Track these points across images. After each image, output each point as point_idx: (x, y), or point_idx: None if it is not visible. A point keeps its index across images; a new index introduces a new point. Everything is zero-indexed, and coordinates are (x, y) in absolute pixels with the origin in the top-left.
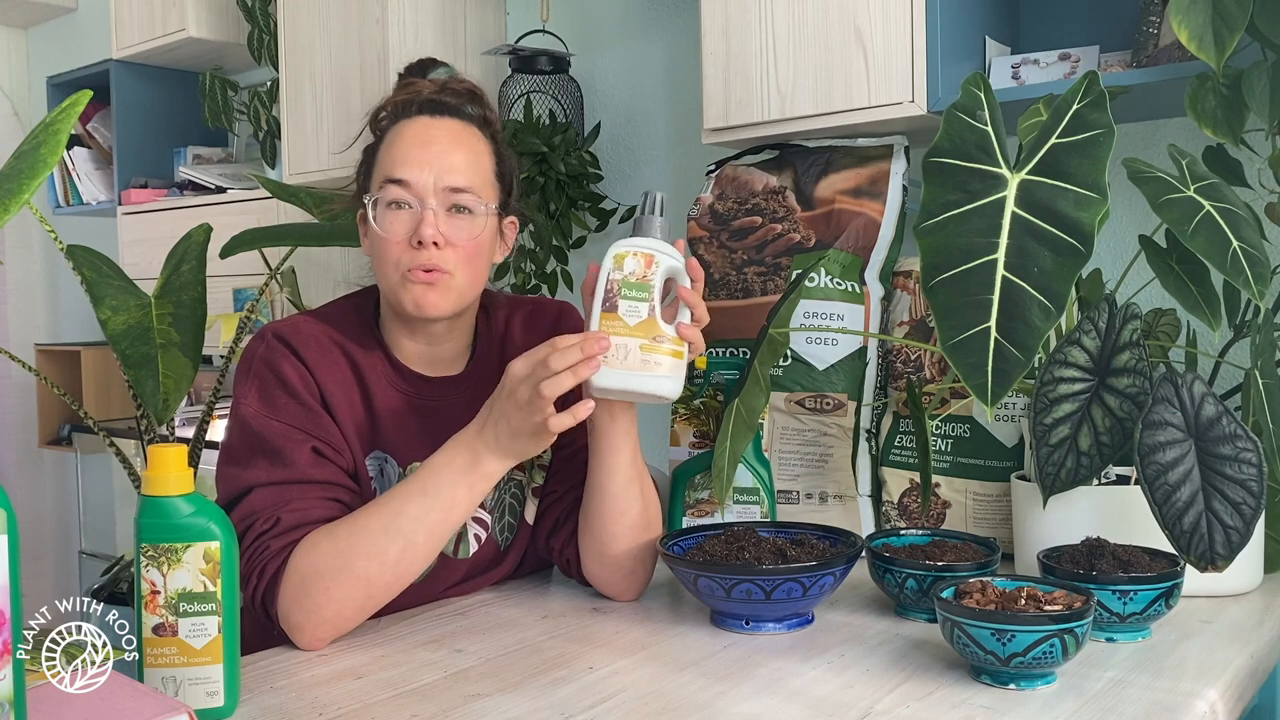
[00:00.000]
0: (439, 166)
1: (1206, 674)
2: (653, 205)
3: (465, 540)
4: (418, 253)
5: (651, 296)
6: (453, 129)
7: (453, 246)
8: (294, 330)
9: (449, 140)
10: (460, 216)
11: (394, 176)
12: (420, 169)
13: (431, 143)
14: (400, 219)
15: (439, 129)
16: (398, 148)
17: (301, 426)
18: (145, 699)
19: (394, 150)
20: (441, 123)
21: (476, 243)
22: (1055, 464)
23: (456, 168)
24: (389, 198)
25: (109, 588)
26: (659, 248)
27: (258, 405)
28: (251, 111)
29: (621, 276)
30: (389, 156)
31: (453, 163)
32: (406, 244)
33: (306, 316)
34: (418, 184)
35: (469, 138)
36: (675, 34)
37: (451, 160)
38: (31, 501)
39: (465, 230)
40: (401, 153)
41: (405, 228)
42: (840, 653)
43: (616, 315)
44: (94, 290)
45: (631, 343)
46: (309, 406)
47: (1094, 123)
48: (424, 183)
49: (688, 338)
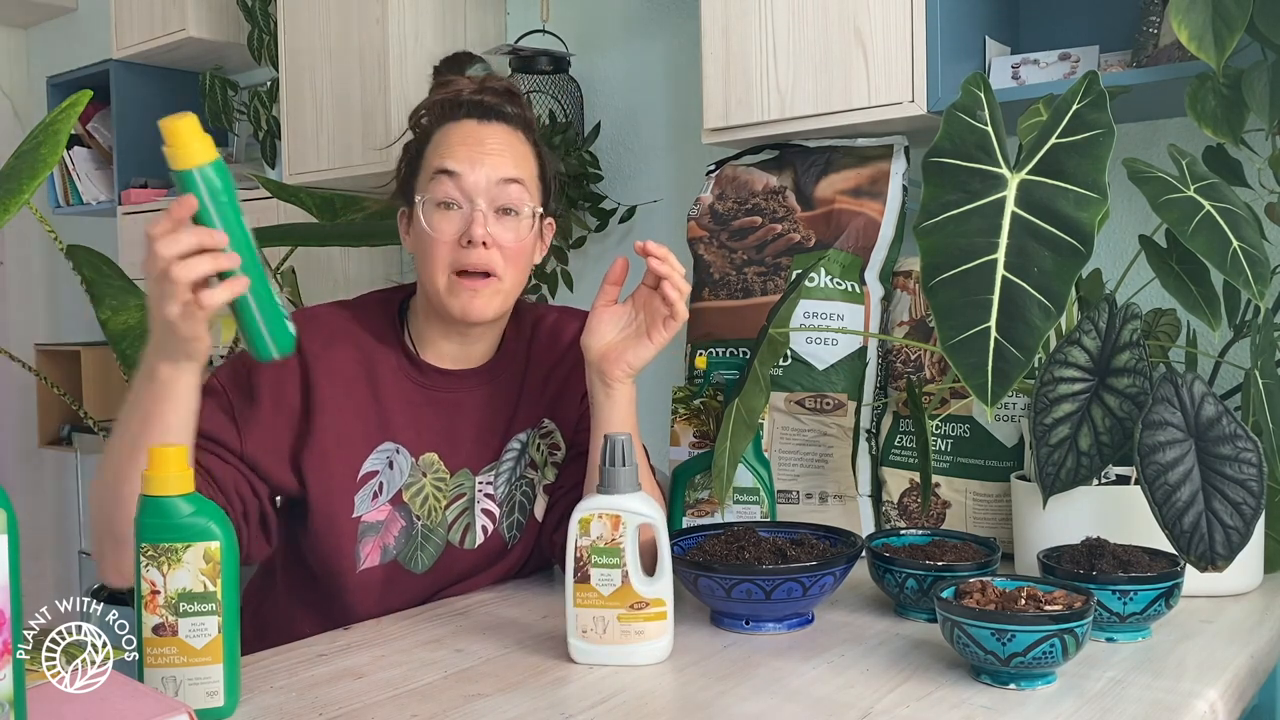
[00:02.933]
0: (490, 165)
1: (1206, 674)
2: (617, 455)
3: (473, 531)
4: (466, 252)
5: (623, 561)
6: (500, 134)
7: (500, 248)
8: (308, 320)
9: (498, 143)
10: (508, 218)
11: (446, 167)
12: (473, 165)
13: (483, 143)
14: (450, 219)
15: (489, 133)
16: (447, 145)
17: (223, 418)
18: (145, 699)
19: (444, 148)
20: (490, 128)
21: (522, 244)
22: (1055, 464)
23: (506, 170)
24: (440, 194)
25: (109, 588)
26: (625, 504)
27: (214, 377)
28: (251, 111)
29: (589, 543)
30: (438, 153)
31: (502, 164)
32: (455, 244)
33: (330, 305)
34: (469, 179)
35: (515, 141)
36: (675, 34)
37: (501, 162)
38: (31, 501)
39: (513, 231)
40: (452, 149)
41: (455, 227)
42: (840, 653)
43: (590, 586)
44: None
45: (608, 614)
46: (255, 403)
47: (1094, 123)
48: (475, 180)
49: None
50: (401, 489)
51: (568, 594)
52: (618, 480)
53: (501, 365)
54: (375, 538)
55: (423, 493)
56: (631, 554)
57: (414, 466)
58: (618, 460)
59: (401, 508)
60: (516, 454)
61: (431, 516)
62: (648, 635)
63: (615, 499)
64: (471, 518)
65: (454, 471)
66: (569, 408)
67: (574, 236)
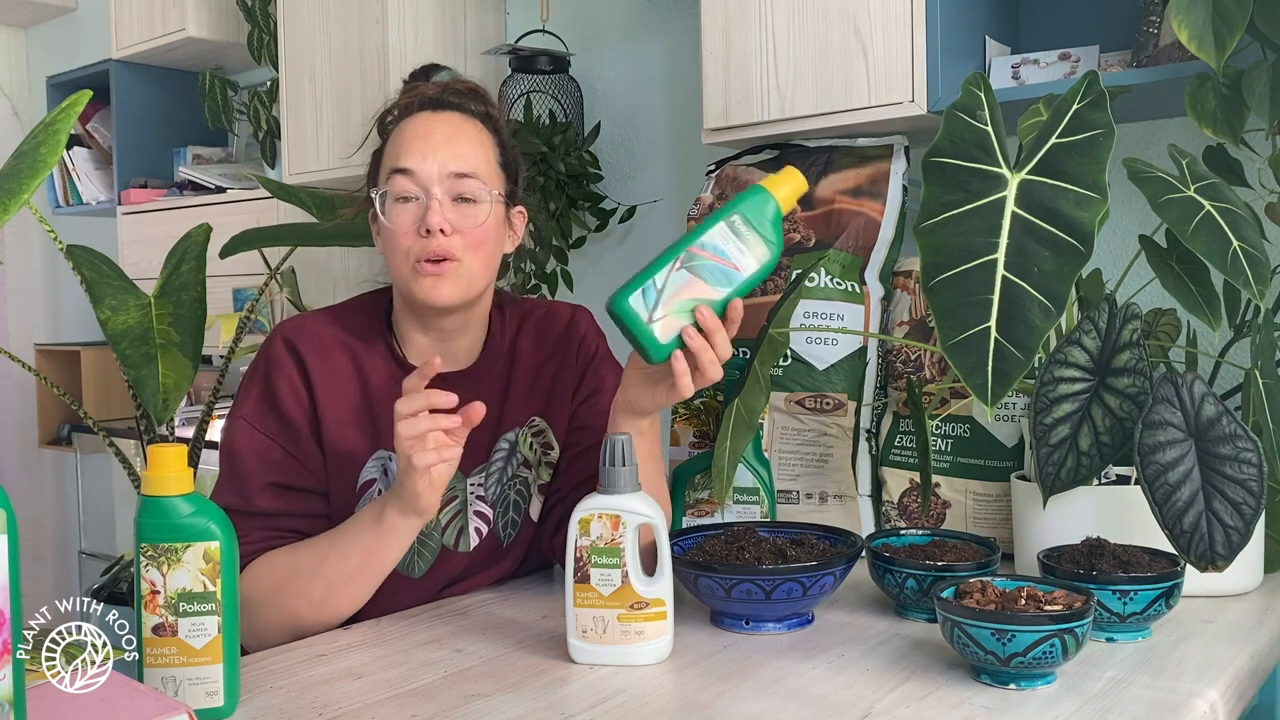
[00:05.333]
0: (441, 155)
1: (1206, 674)
2: (617, 455)
3: (466, 534)
4: (426, 241)
5: (623, 561)
6: (453, 121)
7: (460, 234)
8: (300, 332)
9: (450, 131)
10: (465, 205)
11: (398, 167)
12: (423, 158)
13: (433, 134)
14: (407, 210)
15: (440, 121)
16: (400, 142)
17: (280, 444)
18: (145, 699)
19: (397, 144)
20: (443, 116)
21: (483, 229)
22: (1055, 464)
23: (459, 156)
24: (396, 191)
25: (109, 588)
26: (625, 504)
27: (250, 414)
28: (251, 111)
29: (589, 543)
30: (393, 151)
31: (455, 151)
32: (415, 234)
33: (317, 315)
34: (421, 172)
35: (469, 129)
36: (675, 34)
37: (454, 150)
38: (31, 501)
39: (471, 218)
40: (404, 145)
41: (412, 218)
42: (840, 653)
43: (590, 586)
44: (94, 290)
45: (608, 614)
46: (292, 426)
47: (1094, 123)
48: (427, 171)
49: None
50: None
51: (568, 594)
52: (618, 480)
53: (486, 364)
54: None
55: None
56: (631, 554)
57: None
58: (618, 460)
59: None
60: (506, 453)
61: None
62: (648, 635)
63: (615, 499)
64: (465, 520)
65: None
66: (561, 405)
67: (574, 236)
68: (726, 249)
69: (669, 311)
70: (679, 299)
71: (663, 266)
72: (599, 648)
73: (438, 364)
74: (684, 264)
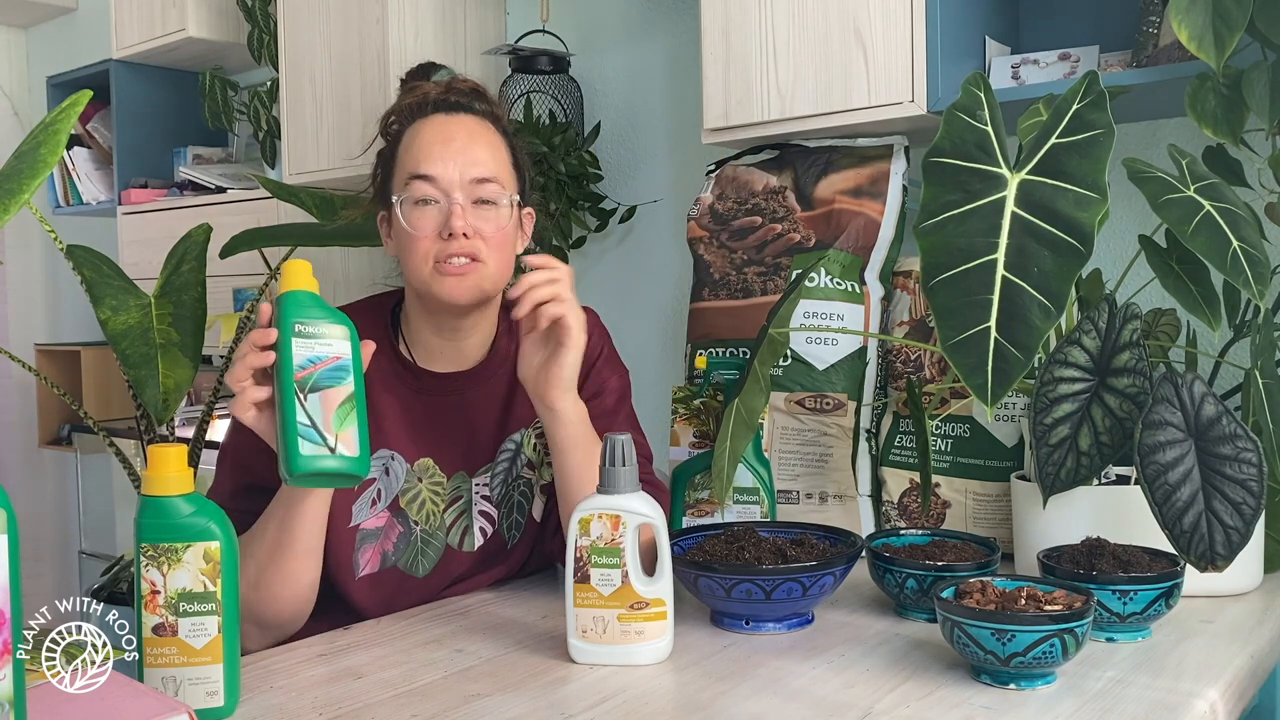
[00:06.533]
0: (462, 160)
1: (1206, 674)
2: (617, 455)
3: (471, 534)
4: (447, 243)
5: (623, 561)
6: (469, 124)
7: (482, 238)
8: None
9: (468, 135)
10: (486, 208)
11: (419, 173)
12: (445, 163)
13: (452, 138)
14: (428, 214)
15: (456, 125)
16: (419, 146)
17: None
18: (145, 699)
19: (415, 149)
20: (457, 119)
21: (504, 232)
22: (1055, 464)
23: (479, 161)
24: (416, 195)
25: (109, 588)
26: (625, 504)
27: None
28: (251, 111)
29: (589, 542)
30: (410, 155)
31: (475, 156)
32: (436, 238)
33: None
34: (443, 178)
35: (485, 131)
36: (675, 34)
37: (473, 154)
38: (31, 501)
39: (492, 221)
40: (424, 150)
41: (434, 222)
42: (840, 653)
43: (590, 586)
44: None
45: (608, 614)
46: None
47: (1094, 123)
48: (449, 177)
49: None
50: (398, 495)
51: (568, 594)
52: (618, 480)
53: (493, 365)
54: (374, 544)
55: (419, 498)
56: (631, 554)
57: (409, 472)
58: (618, 460)
59: (399, 514)
60: (511, 454)
61: (430, 521)
62: (648, 635)
63: (615, 499)
64: (469, 520)
65: (450, 475)
66: None
67: (574, 237)
68: (317, 352)
69: (337, 429)
70: (331, 415)
71: (294, 409)
72: (599, 648)
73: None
74: (306, 391)
